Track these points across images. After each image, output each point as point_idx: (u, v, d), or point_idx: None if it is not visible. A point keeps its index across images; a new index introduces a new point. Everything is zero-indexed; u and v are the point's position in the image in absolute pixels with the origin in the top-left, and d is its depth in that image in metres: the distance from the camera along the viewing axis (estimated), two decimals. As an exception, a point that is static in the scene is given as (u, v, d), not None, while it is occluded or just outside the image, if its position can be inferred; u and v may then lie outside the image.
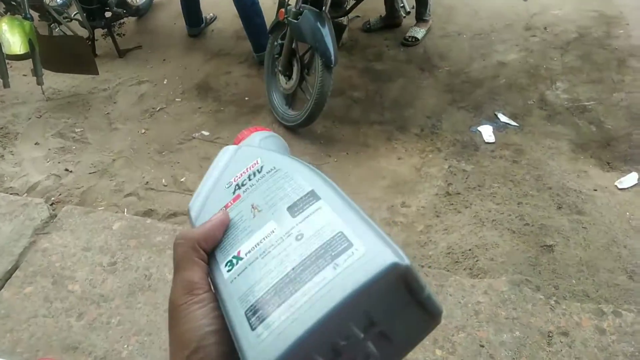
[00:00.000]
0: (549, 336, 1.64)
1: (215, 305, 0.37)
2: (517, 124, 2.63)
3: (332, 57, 2.29)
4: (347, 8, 2.85)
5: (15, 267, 1.94)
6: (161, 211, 2.29)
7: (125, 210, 2.30)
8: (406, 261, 0.31)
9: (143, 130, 2.83)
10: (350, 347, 0.31)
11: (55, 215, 2.17)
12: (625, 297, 1.77)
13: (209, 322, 0.37)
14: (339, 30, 2.57)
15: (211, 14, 3.74)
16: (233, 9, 3.11)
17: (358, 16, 3.53)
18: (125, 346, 1.66)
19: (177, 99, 3.05)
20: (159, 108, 2.99)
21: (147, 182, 2.47)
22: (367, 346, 0.32)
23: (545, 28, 3.35)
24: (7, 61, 2.81)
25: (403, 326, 0.33)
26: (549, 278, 1.85)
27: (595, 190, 2.22)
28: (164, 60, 3.44)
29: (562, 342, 1.62)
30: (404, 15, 3.31)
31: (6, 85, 2.85)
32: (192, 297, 0.37)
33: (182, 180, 2.46)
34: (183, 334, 0.36)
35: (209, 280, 0.39)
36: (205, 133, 2.75)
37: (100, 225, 2.09)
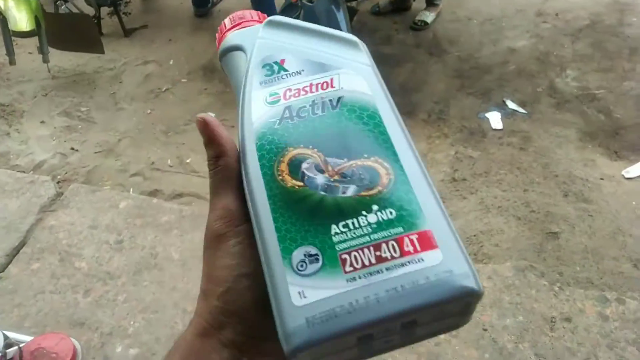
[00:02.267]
0: (552, 321, 1.65)
1: (253, 241, 0.34)
2: (525, 111, 2.61)
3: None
4: None
5: (22, 244, 1.95)
6: (167, 191, 2.30)
7: (131, 189, 2.30)
8: (482, 289, 0.30)
9: (149, 111, 2.83)
10: (381, 334, 0.31)
11: (62, 194, 2.18)
12: (629, 284, 1.78)
13: (244, 262, 0.34)
14: (351, 14, 2.55)
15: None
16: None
17: (367, -1, 3.49)
18: (132, 323, 1.68)
19: (183, 80, 3.04)
20: (164, 88, 2.98)
21: (153, 163, 2.47)
22: (394, 334, 0.32)
23: (556, 14, 3.31)
24: (13, 38, 2.80)
25: (438, 325, 0.32)
26: (554, 265, 1.85)
27: (602, 179, 2.21)
28: (170, 40, 3.42)
29: (564, 328, 1.63)
30: (413, -1, 3.28)
31: (12, 62, 2.84)
32: (231, 228, 0.35)
33: (187, 161, 2.46)
34: (218, 269, 0.34)
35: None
36: (211, 114, 2.73)
37: (107, 204, 2.10)
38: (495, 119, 2.57)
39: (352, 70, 0.39)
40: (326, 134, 0.35)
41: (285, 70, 0.39)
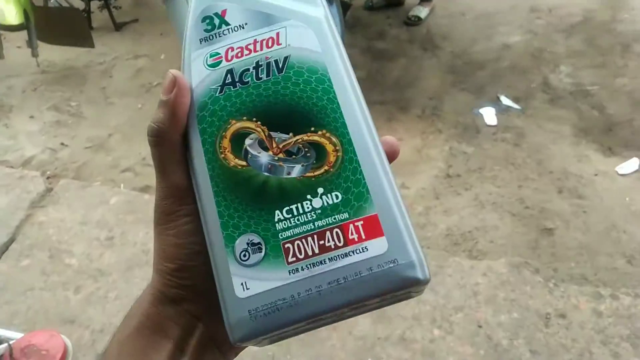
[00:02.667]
0: (546, 318, 1.65)
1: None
2: (519, 107, 2.61)
3: (340, 38, 2.25)
4: None
5: (11, 240, 1.92)
6: (159, 187, 2.27)
7: (122, 185, 2.27)
8: (427, 276, 0.30)
9: (139, 105, 2.79)
10: (328, 317, 0.31)
11: (52, 189, 2.15)
12: (623, 280, 1.78)
13: (196, 240, 0.32)
14: (344, 9, 2.53)
15: None
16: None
17: (361, -6, 3.47)
18: (123, 321, 1.66)
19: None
20: (155, 83, 2.94)
21: (144, 158, 2.44)
22: (343, 314, 0.32)
23: (550, 10, 3.31)
24: (1, 32, 2.75)
25: (387, 303, 0.32)
26: (548, 261, 1.85)
27: (596, 175, 2.22)
28: (161, 34, 3.38)
29: (559, 324, 1.63)
30: (407, -7, 3.27)
31: (0, 56, 2.80)
32: (182, 207, 0.33)
33: (180, 156, 2.43)
34: (169, 247, 0.33)
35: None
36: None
37: (97, 200, 2.07)
38: (489, 114, 2.56)
39: (301, 22, 0.35)
40: (271, 104, 0.33)
41: (227, 23, 0.35)
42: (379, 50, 3.07)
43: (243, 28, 0.35)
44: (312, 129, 0.32)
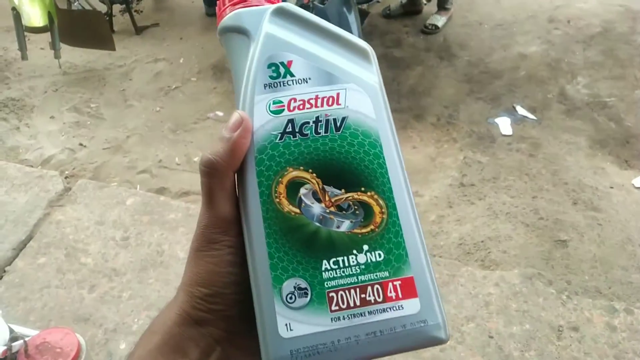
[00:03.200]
0: (559, 330, 1.63)
1: (244, 252, 0.35)
2: (535, 118, 2.60)
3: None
4: None
5: (29, 238, 1.96)
6: (174, 189, 2.30)
7: (138, 186, 2.31)
8: (448, 337, 0.33)
9: (158, 108, 2.83)
10: None
11: (70, 189, 2.19)
12: (638, 295, 1.76)
13: (235, 271, 0.34)
14: (362, 16, 2.55)
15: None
16: None
17: (378, 1, 3.48)
18: (136, 320, 1.68)
19: (192, 79, 3.05)
20: (174, 87, 2.98)
21: (161, 160, 2.47)
22: None
23: (568, 21, 3.29)
24: (25, 34, 2.81)
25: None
26: (562, 273, 1.83)
27: (612, 187, 2.19)
28: (181, 38, 3.43)
29: (571, 337, 1.61)
30: (425, 2, 3.28)
31: (24, 57, 2.86)
32: (227, 238, 0.35)
33: (195, 159, 2.46)
34: (206, 273, 0.34)
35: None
36: (220, 113, 2.75)
37: (114, 200, 2.10)
38: (504, 124, 2.55)
39: (360, 87, 0.37)
40: (326, 159, 0.35)
41: (292, 75, 0.37)
42: (395, 58, 3.08)
43: (307, 82, 0.36)
44: (362, 189, 0.34)
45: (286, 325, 0.32)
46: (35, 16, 2.65)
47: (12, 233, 1.97)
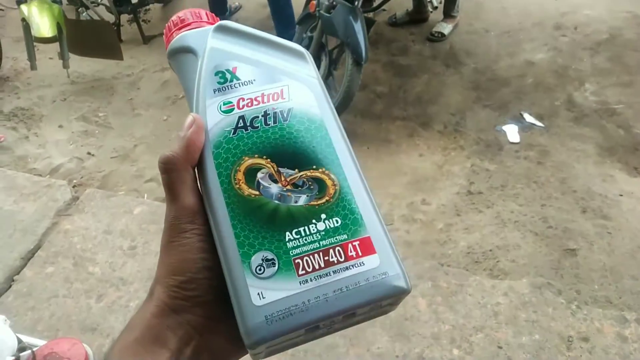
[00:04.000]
0: (568, 341, 1.61)
1: (212, 239, 0.37)
2: (543, 125, 2.59)
3: (363, 54, 2.26)
4: (377, 4, 2.82)
5: (37, 247, 1.97)
6: (181, 198, 2.30)
7: (146, 195, 2.31)
8: (410, 286, 0.36)
9: (165, 117, 2.85)
10: (326, 324, 0.36)
11: (78, 198, 2.20)
12: (650, 305, 1.74)
13: (206, 256, 0.37)
14: (368, 25, 2.55)
15: (236, 3, 3.74)
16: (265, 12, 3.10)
17: (384, 9, 3.49)
18: (143, 330, 1.68)
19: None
20: (181, 96, 3.00)
21: (168, 169, 2.48)
22: (337, 323, 0.37)
23: (575, 28, 3.28)
24: (35, 44, 2.84)
25: (372, 314, 0.38)
26: (571, 282, 1.82)
27: (621, 195, 2.17)
28: (188, 48, 3.44)
29: (582, 348, 1.59)
30: (431, 10, 3.27)
31: (33, 67, 2.89)
32: (194, 226, 0.37)
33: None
34: (179, 262, 0.36)
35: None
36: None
37: (121, 210, 2.11)
38: (512, 132, 2.54)
39: (301, 82, 0.41)
40: (278, 145, 0.38)
41: (238, 78, 0.40)
42: (401, 65, 3.08)
43: (252, 83, 0.41)
44: (314, 167, 0.38)
45: (258, 294, 0.34)
46: (44, 27, 2.68)
47: (20, 242, 1.98)
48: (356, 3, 2.32)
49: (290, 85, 0.41)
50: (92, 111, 2.91)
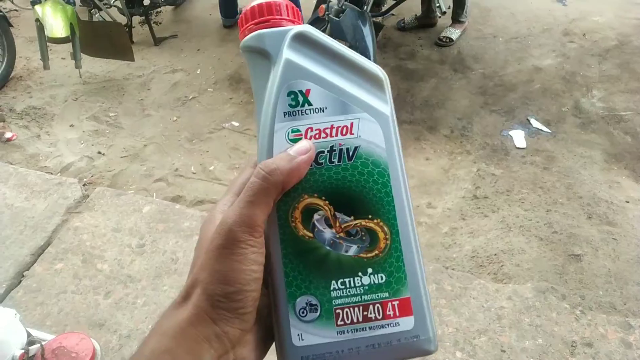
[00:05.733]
0: (572, 346, 1.61)
1: (264, 252, 0.37)
2: (549, 131, 2.59)
3: (372, 58, 2.28)
4: (386, 9, 2.84)
5: (47, 243, 2.00)
6: (189, 198, 2.33)
7: (155, 194, 2.34)
8: (437, 348, 0.38)
9: (175, 118, 2.88)
10: None
11: (88, 196, 2.23)
12: (654, 312, 1.74)
13: (257, 268, 0.36)
14: (377, 30, 2.57)
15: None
16: (269, 2, 3.13)
17: (393, 14, 3.51)
18: (150, 326, 1.70)
19: (209, 89, 3.09)
20: (191, 97, 3.03)
21: (177, 169, 2.51)
22: None
23: (584, 34, 3.28)
24: (48, 44, 2.89)
25: None
26: (576, 287, 1.82)
27: (627, 202, 2.17)
28: (198, 50, 3.49)
29: (585, 353, 1.59)
30: (439, 15, 3.29)
31: (46, 67, 2.93)
32: (252, 237, 0.36)
33: (210, 168, 2.49)
34: (231, 271, 0.35)
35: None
36: (236, 124, 2.78)
37: (131, 208, 2.14)
38: (518, 137, 2.55)
39: (372, 116, 0.39)
40: (338, 187, 0.38)
41: (310, 104, 0.38)
42: (409, 70, 3.10)
43: (323, 111, 0.39)
44: (370, 216, 0.38)
45: (298, 335, 0.37)
46: (57, 27, 2.72)
47: (31, 238, 2.01)
48: (365, 7, 2.34)
49: (361, 119, 0.39)
50: (103, 111, 2.95)
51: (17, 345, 1.42)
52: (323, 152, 0.38)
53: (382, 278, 0.37)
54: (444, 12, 2.94)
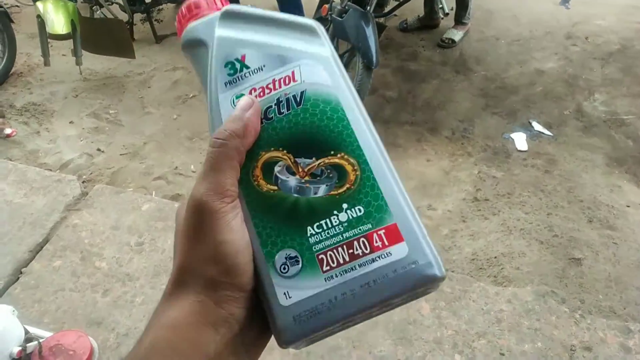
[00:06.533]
0: (571, 350, 1.61)
1: (242, 216, 0.35)
2: (551, 134, 2.58)
3: (374, 59, 2.27)
4: (389, 9, 2.83)
5: (46, 240, 1.99)
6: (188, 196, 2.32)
7: (154, 193, 2.33)
8: (444, 273, 0.34)
9: (175, 116, 2.87)
10: (360, 316, 0.35)
11: (87, 193, 2.22)
12: (654, 317, 1.73)
13: (242, 235, 0.34)
14: (379, 30, 2.56)
15: (249, 6, 3.76)
16: (271, 1, 3.12)
17: (395, 15, 3.50)
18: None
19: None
20: (191, 95, 3.02)
21: (176, 167, 2.50)
22: (373, 312, 0.36)
23: (586, 38, 3.28)
24: (49, 41, 2.88)
25: (410, 298, 0.36)
26: (576, 291, 1.81)
27: (628, 206, 2.17)
28: (200, 48, 3.47)
29: (584, 357, 1.59)
30: (442, 16, 3.29)
31: (47, 63, 2.93)
32: (225, 203, 0.33)
33: (210, 167, 2.48)
34: (219, 246, 0.33)
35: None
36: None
37: (130, 206, 2.13)
38: (520, 140, 2.54)
39: (312, 60, 0.38)
40: (294, 134, 0.36)
41: (247, 67, 0.39)
42: (411, 71, 3.09)
43: (262, 70, 0.38)
44: (332, 152, 0.36)
45: (285, 294, 0.34)
46: (59, 24, 2.71)
47: (29, 235, 2.00)
48: (368, 8, 2.33)
49: (301, 64, 0.38)
50: (103, 108, 2.94)
51: (14, 341, 1.41)
52: (271, 106, 0.37)
53: (360, 210, 0.34)
54: (447, 14, 2.93)
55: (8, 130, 2.68)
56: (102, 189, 2.24)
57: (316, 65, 0.38)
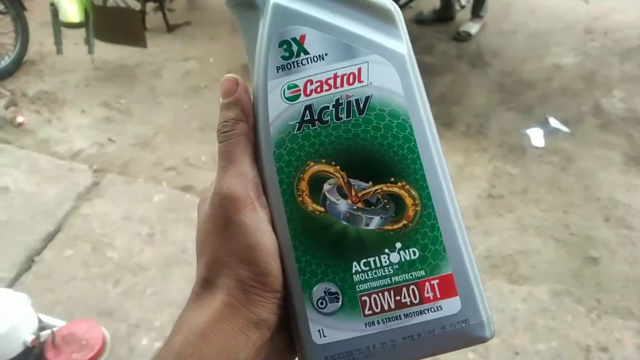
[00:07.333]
0: (587, 350, 1.58)
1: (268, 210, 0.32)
2: (568, 130, 2.54)
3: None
4: (405, 1, 2.80)
5: (57, 230, 1.99)
6: (199, 187, 2.31)
7: (165, 183, 2.32)
8: (493, 334, 0.31)
9: (186, 107, 2.86)
10: None
11: (98, 183, 2.22)
12: (672, 319, 1.70)
13: (272, 238, 0.31)
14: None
15: None
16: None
17: (411, 6, 3.46)
18: (158, 316, 1.69)
19: (221, 78, 3.06)
20: (203, 86, 3.01)
21: (187, 158, 2.49)
22: None
23: (605, 33, 3.21)
24: (62, 29, 2.87)
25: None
26: (592, 291, 1.78)
27: (646, 205, 2.13)
28: (212, 38, 3.45)
29: (600, 358, 1.56)
30: (458, 9, 3.24)
31: (59, 52, 2.92)
32: (252, 198, 0.31)
33: (222, 158, 2.47)
34: (248, 247, 0.31)
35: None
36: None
37: (141, 196, 2.13)
38: (536, 136, 2.50)
39: (384, 57, 0.32)
40: (350, 148, 0.31)
41: (307, 52, 0.32)
42: (426, 64, 3.05)
43: (323, 59, 0.32)
44: (392, 179, 0.31)
45: (319, 331, 0.31)
46: (72, 12, 2.70)
47: (41, 224, 2.00)
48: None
49: (370, 62, 0.32)
50: (114, 98, 2.93)
51: (28, 329, 1.42)
52: (328, 107, 0.32)
53: (414, 253, 0.31)
54: (463, 6, 2.88)
55: (20, 119, 2.68)
56: (114, 178, 2.24)
57: (388, 66, 0.32)
